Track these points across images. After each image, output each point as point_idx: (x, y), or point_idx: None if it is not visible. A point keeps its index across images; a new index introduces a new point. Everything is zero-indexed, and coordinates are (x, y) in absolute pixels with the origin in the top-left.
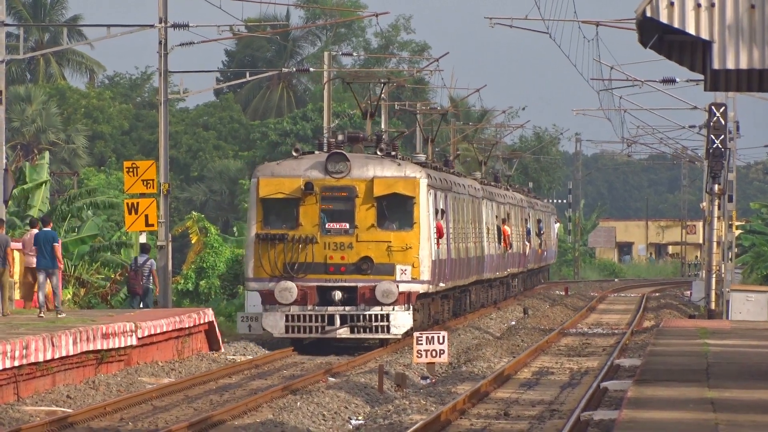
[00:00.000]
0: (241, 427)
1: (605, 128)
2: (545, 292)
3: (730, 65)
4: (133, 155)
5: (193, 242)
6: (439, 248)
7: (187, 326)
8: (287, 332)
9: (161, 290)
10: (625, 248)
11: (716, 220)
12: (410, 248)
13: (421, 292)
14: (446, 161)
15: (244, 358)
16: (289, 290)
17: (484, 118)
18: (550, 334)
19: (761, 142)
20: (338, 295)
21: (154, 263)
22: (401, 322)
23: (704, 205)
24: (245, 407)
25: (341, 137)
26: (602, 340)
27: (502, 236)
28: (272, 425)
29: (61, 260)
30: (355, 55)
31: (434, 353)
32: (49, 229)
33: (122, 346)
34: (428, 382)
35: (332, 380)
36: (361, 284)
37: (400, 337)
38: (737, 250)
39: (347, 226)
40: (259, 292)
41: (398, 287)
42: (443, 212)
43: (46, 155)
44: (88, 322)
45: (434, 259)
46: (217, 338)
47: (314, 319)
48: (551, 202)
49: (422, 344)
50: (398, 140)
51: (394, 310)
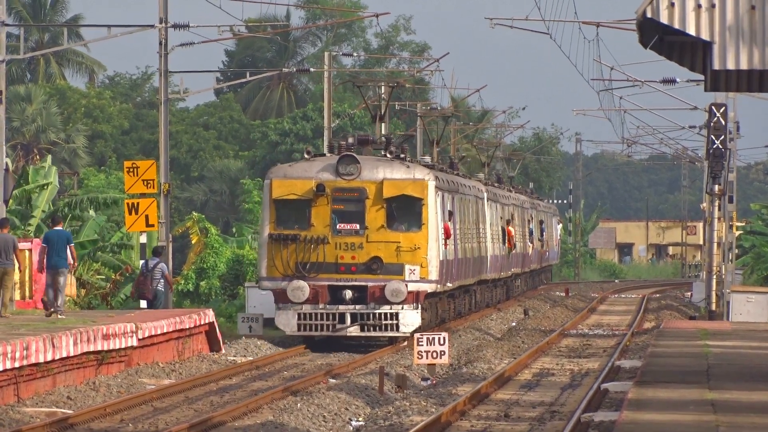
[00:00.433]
0: (241, 428)
1: (605, 128)
2: (546, 293)
3: (730, 66)
4: (133, 155)
5: (193, 243)
6: (446, 249)
7: (187, 327)
8: (299, 330)
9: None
10: (625, 249)
11: (716, 220)
12: (419, 249)
13: (429, 291)
14: (451, 163)
15: (244, 359)
16: (301, 289)
17: (484, 118)
18: (550, 335)
19: (761, 142)
20: (349, 294)
21: (165, 267)
22: (410, 320)
23: (704, 205)
24: (246, 408)
25: (351, 140)
26: (603, 341)
27: (506, 237)
28: (272, 426)
29: (76, 260)
30: (355, 55)
31: (435, 354)
32: (60, 228)
33: (123, 347)
34: (429, 383)
35: (333, 381)
36: (371, 283)
37: (408, 335)
38: (738, 251)
39: (358, 226)
40: (272, 290)
41: (407, 287)
42: (451, 213)
43: (48, 158)
44: (88, 322)
45: (442, 259)
46: (217, 339)
47: (325, 317)
48: (551, 202)
49: (423, 345)
50: (405, 142)
51: (403, 308)
